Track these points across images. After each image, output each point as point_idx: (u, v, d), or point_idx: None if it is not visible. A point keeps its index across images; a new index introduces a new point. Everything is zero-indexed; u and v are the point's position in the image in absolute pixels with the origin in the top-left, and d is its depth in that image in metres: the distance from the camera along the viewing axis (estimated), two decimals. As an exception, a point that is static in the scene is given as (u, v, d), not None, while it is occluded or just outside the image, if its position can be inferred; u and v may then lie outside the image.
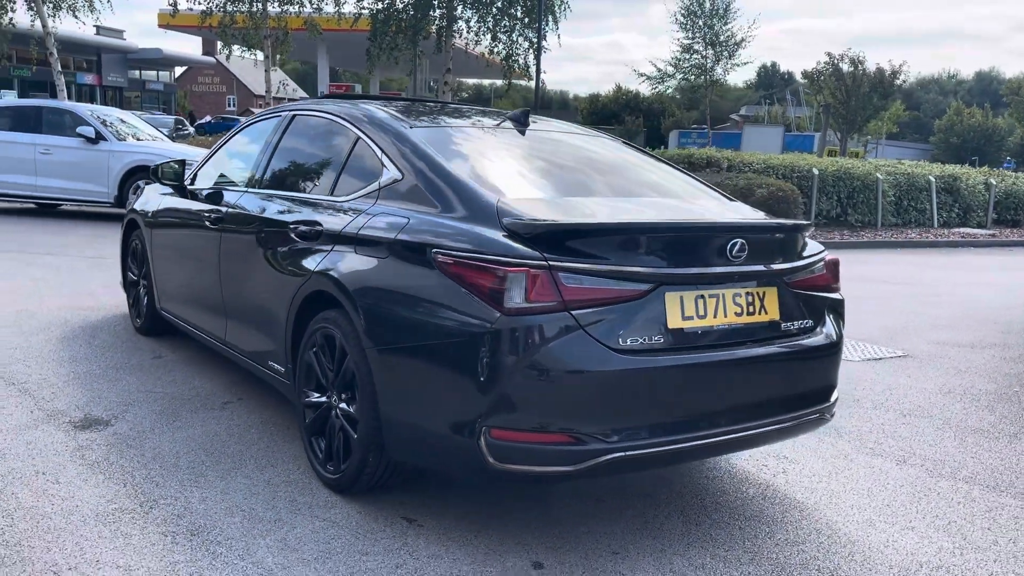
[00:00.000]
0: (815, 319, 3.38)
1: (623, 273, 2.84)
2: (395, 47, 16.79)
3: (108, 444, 3.82)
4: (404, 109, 3.96)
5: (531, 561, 2.98)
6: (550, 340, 2.74)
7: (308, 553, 2.95)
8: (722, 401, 3.06)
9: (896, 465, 4.13)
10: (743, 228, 3.17)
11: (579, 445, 2.77)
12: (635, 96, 71.44)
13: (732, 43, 29.26)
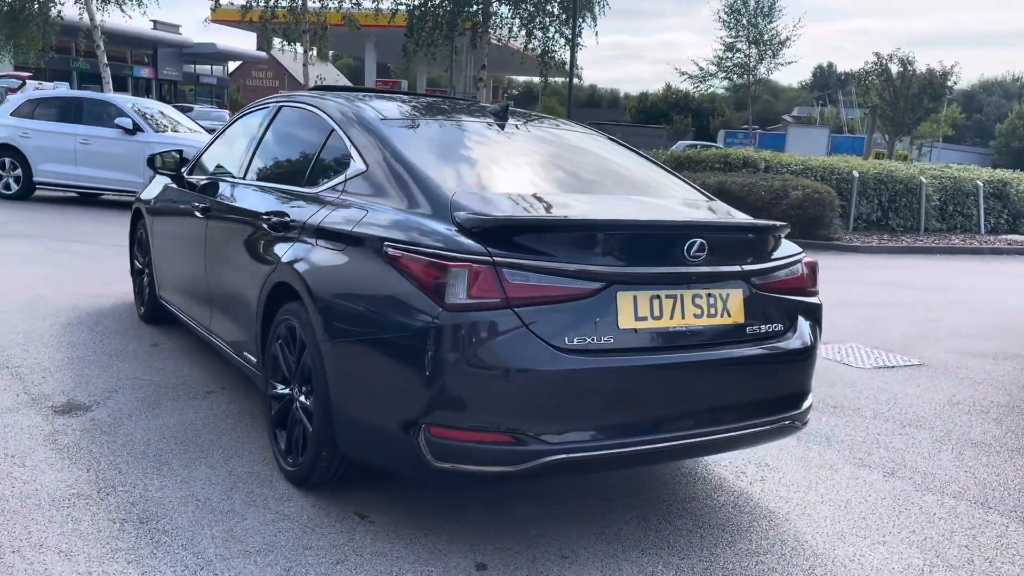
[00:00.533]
0: (785, 323, 3.26)
1: (571, 271, 2.77)
2: (432, 43, 16.82)
3: (83, 430, 3.87)
4: (384, 102, 3.93)
5: (475, 562, 2.93)
6: (491, 337, 2.68)
7: (252, 545, 2.94)
8: (678, 405, 2.97)
9: (883, 477, 3.98)
10: (702, 227, 3.07)
11: (520, 446, 2.71)
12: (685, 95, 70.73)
13: (776, 42, 28.70)
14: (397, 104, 3.94)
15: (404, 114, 3.77)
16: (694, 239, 2.94)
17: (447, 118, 3.90)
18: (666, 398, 2.93)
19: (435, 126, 3.74)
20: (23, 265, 7.69)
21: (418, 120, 3.75)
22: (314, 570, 2.81)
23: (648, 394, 2.89)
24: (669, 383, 2.94)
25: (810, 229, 14.12)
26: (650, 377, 2.89)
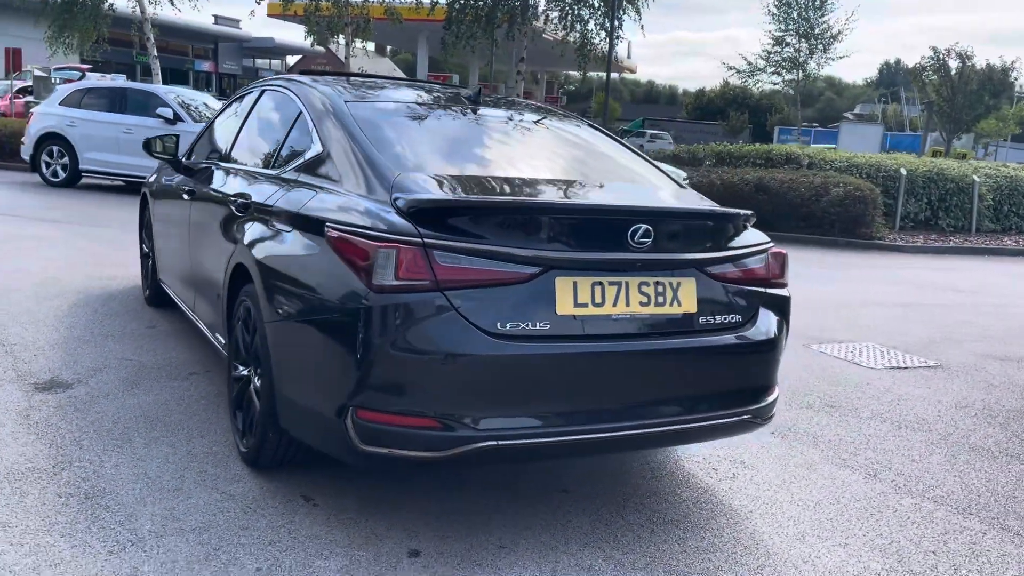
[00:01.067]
0: (744, 315, 3.15)
1: (506, 254, 2.71)
2: (472, 36, 16.77)
3: (58, 406, 3.93)
4: (357, 87, 3.91)
5: (409, 548, 2.89)
6: (419, 320, 2.64)
7: (189, 524, 2.94)
8: (621, 395, 2.89)
9: (863, 478, 3.83)
10: (648, 213, 2.97)
11: (447, 431, 2.66)
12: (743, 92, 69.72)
13: (828, 36, 27.86)
14: (370, 88, 3.91)
15: (373, 98, 3.74)
16: (638, 225, 2.85)
17: (418, 102, 3.86)
18: (607, 388, 2.85)
19: (402, 109, 3.70)
20: (47, 248, 7.89)
21: (386, 104, 3.71)
22: (243, 550, 2.80)
23: (587, 383, 2.82)
24: (610, 372, 2.85)
25: (851, 227, 13.77)
26: (589, 365, 2.81)
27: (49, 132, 13.80)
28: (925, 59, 32.63)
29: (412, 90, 4.07)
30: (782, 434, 4.34)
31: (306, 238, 3.01)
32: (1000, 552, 3.22)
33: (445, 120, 3.72)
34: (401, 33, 28.37)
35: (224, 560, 2.73)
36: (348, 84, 3.92)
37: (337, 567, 2.74)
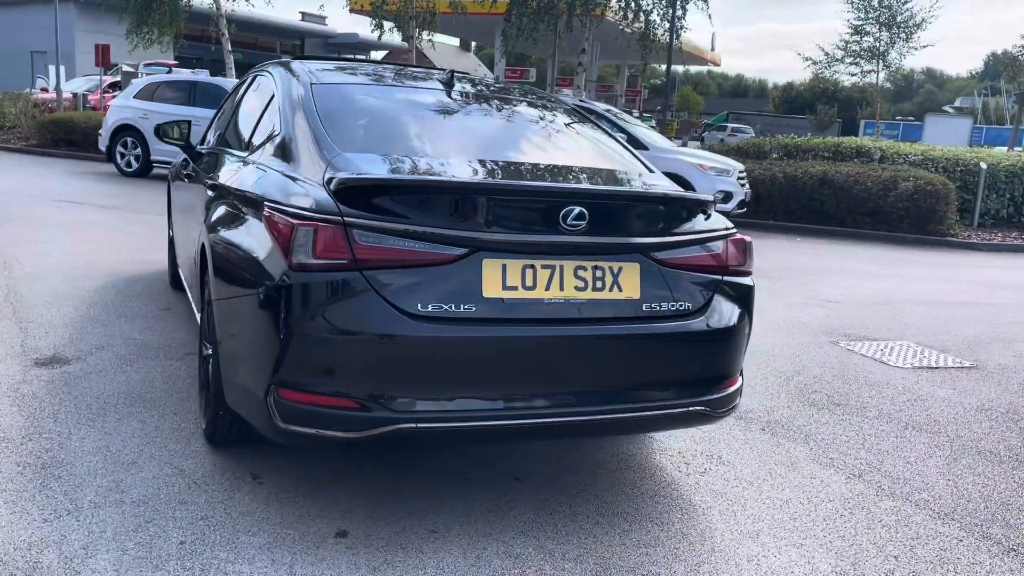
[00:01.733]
0: (695, 302, 3.03)
1: (429, 234, 2.67)
2: (534, 28, 16.68)
3: (50, 381, 4.07)
4: (332, 70, 3.92)
5: (338, 529, 2.89)
6: (336, 300, 2.62)
7: (131, 496, 3.01)
8: (554, 382, 2.82)
9: (845, 479, 3.65)
10: (583, 194, 2.88)
11: (364, 412, 2.65)
12: (833, 85, 67.58)
13: (911, 24, 26.44)
14: (344, 72, 3.92)
15: (344, 81, 3.74)
16: (571, 207, 2.77)
17: (390, 86, 3.85)
18: (538, 374, 2.78)
19: (370, 93, 3.69)
20: (97, 233, 8.21)
21: (354, 88, 3.70)
22: (174, 523, 2.85)
23: (515, 368, 2.76)
24: (542, 358, 2.79)
25: (922, 223, 13.18)
26: (517, 350, 2.75)
27: (123, 124, 14.39)
28: (1016, 48, 30.79)
29: (392, 75, 4.05)
30: (772, 430, 4.18)
31: (249, 218, 3.04)
32: (971, 561, 3.02)
33: (410, 103, 3.69)
34: (479, 27, 28.48)
35: (152, 532, 2.78)
36: (328, 68, 3.93)
37: (261, 543, 2.76)
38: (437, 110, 3.66)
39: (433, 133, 3.47)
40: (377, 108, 3.56)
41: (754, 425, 4.24)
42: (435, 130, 3.51)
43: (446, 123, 3.59)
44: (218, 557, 2.67)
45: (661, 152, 11.66)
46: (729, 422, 4.21)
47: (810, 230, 13.18)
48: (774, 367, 5.33)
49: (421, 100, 3.73)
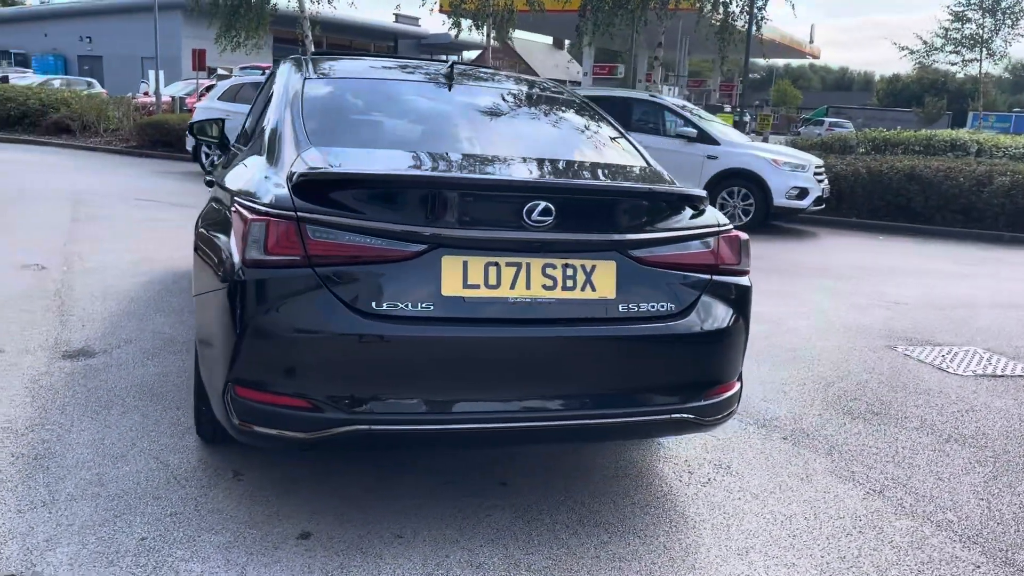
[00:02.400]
0: (679, 303, 2.85)
1: (387, 231, 2.58)
2: (610, 24, 16.37)
3: (70, 373, 4.18)
4: (333, 63, 3.88)
5: (303, 530, 2.83)
6: (288, 297, 2.56)
7: (109, 490, 3.03)
8: (520, 386, 2.69)
9: (863, 495, 3.40)
10: (551, 189, 2.73)
11: (317, 412, 2.58)
12: (944, 76, 64.45)
13: (1018, 9, 24.66)
14: (347, 67, 3.87)
15: (339, 75, 3.69)
16: (537, 202, 2.63)
17: (389, 79, 3.78)
18: (502, 376, 2.66)
19: (365, 87, 3.63)
20: (158, 230, 8.46)
21: (349, 82, 3.65)
22: (143, 518, 2.85)
23: (477, 370, 2.64)
24: (503, 360, 2.66)
25: (1019, 221, 12.35)
26: (478, 351, 2.63)
27: (211, 124, 14.84)
28: None
29: (396, 69, 3.98)
30: (795, 439, 3.93)
31: (224, 214, 3.02)
32: (983, 590, 2.75)
33: (402, 97, 3.61)
34: (559, 24, 28.28)
35: (117, 527, 2.78)
36: (332, 63, 3.89)
37: (220, 543, 2.73)
38: (428, 104, 3.58)
39: (417, 127, 3.39)
40: (366, 102, 3.50)
41: (776, 433, 4.00)
42: (420, 124, 3.42)
43: (433, 117, 3.50)
44: (174, 555, 2.65)
45: (732, 147, 11.28)
46: (748, 429, 3.99)
47: (895, 228, 12.53)
48: (815, 372, 5.04)
49: (414, 94, 3.65)
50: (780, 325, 6.14)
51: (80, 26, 42.75)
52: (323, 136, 3.08)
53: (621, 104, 11.94)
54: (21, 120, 20.74)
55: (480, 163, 3.07)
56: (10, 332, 4.78)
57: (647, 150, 11.91)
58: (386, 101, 3.55)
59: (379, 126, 3.33)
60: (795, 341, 5.73)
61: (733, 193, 11.11)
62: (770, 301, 6.96)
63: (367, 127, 3.30)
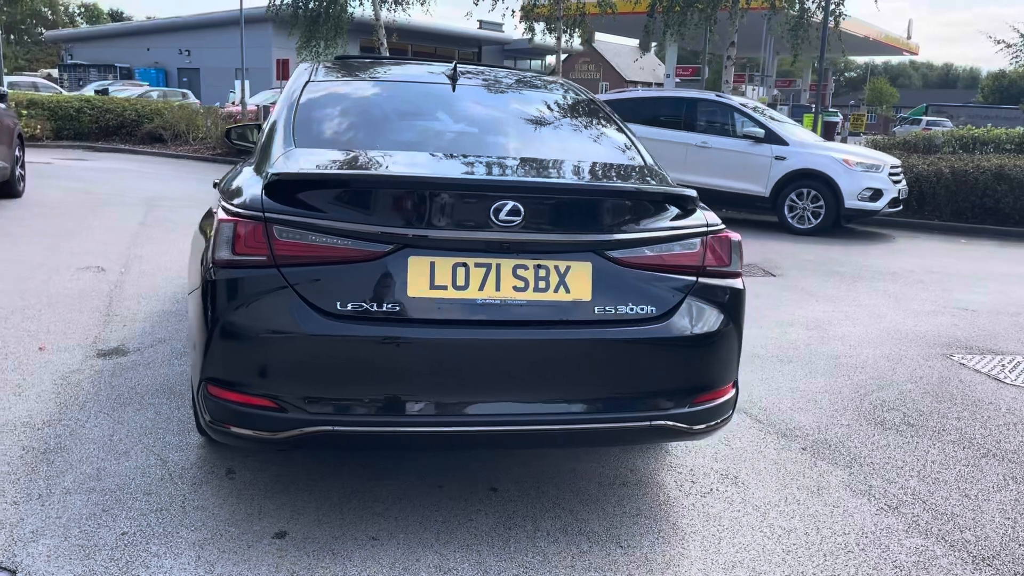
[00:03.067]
0: (660, 306, 2.75)
1: (353, 231, 2.57)
2: (681, 23, 16.01)
3: (100, 371, 4.32)
4: (344, 66, 3.90)
5: (278, 529, 2.85)
6: (254, 297, 2.58)
7: (104, 484, 3.11)
8: (487, 389, 2.64)
9: (875, 511, 3.21)
10: (520, 188, 2.66)
11: (282, 413, 2.58)
12: (1057, 71, 61.05)
13: None
14: (355, 69, 3.88)
15: (342, 77, 3.71)
16: (504, 201, 2.58)
17: (390, 80, 3.78)
18: (469, 379, 2.62)
19: (361, 88, 3.63)
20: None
21: (349, 83, 3.66)
22: (128, 513, 2.91)
23: (443, 372, 2.60)
24: (470, 362, 2.61)
25: (1119, 223, 11.58)
26: (445, 353, 2.60)
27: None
28: None
29: (402, 71, 3.97)
30: (815, 450, 3.75)
31: (211, 215, 3.07)
32: (986, 617, 2.55)
33: (401, 98, 3.60)
34: (630, 26, 27.92)
35: (102, 521, 2.85)
36: (341, 64, 3.92)
37: (196, 540, 2.77)
38: (425, 105, 3.56)
39: (409, 128, 3.37)
40: (363, 104, 3.50)
41: (795, 444, 3.82)
42: (413, 125, 3.40)
43: (427, 118, 3.48)
44: (149, 551, 2.70)
45: (802, 147, 10.92)
46: (765, 439, 3.83)
47: (980, 230, 11.90)
48: (855, 380, 4.81)
49: (414, 95, 3.64)
50: (827, 331, 5.89)
51: (179, 40, 44.62)
52: (310, 139, 3.11)
53: (686, 105, 11.73)
54: (118, 130, 21.72)
55: (456, 163, 3.03)
56: (55, 330, 4.98)
57: (712, 151, 11.79)
58: (384, 103, 3.54)
59: (370, 128, 3.32)
60: (840, 348, 5.48)
61: (802, 195, 10.75)
62: (821, 306, 6.70)
63: (357, 129, 3.29)
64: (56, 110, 20.94)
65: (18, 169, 10.61)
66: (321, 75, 3.67)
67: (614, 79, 71.17)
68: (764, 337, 5.63)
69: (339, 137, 3.20)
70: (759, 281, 7.62)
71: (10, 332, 4.91)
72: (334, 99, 3.46)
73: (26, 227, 8.52)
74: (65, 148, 19.19)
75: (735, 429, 3.93)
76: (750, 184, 11.01)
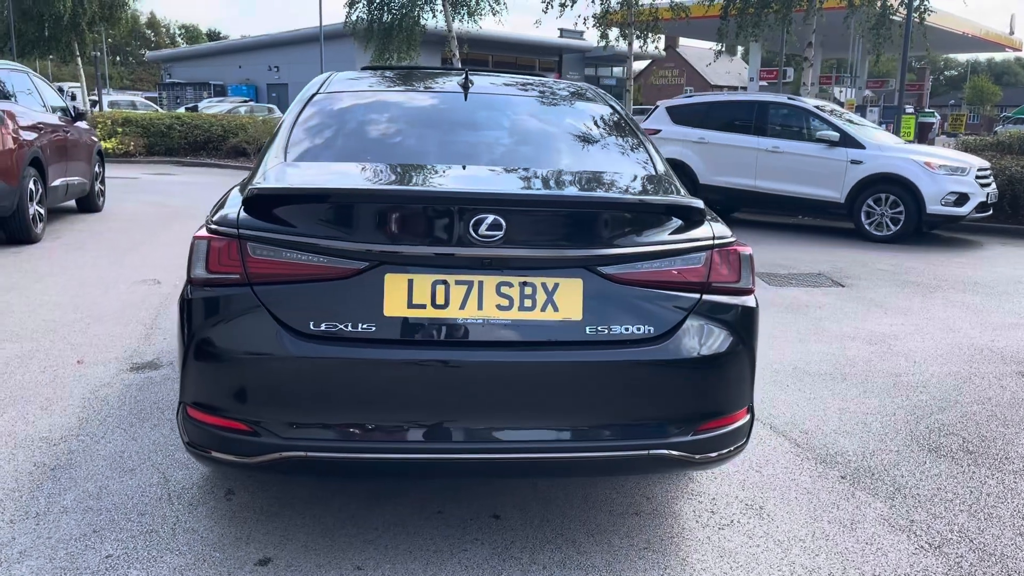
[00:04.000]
0: (659, 326, 2.55)
1: (327, 247, 2.46)
2: (756, 24, 15.47)
3: (129, 385, 4.35)
4: (358, 77, 3.81)
5: (262, 555, 2.75)
6: (227, 316, 2.50)
7: (101, 504, 3.07)
8: (469, 414, 2.49)
9: (914, 549, 2.92)
10: (500, 201, 2.49)
11: (255, 437, 2.49)
12: None
13: None
14: (368, 80, 3.77)
15: (350, 88, 3.60)
16: (483, 215, 2.43)
17: (399, 90, 3.66)
18: (446, 403, 2.47)
19: (371, 99, 3.51)
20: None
21: (359, 94, 3.54)
22: (117, 535, 2.86)
23: (418, 396, 2.46)
24: (450, 385, 2.47)
25: None
26: (423, 375, 2.46)
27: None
28: None
29: (415, 81, 3.84)
30: (855, 479, 3.47)
31: (208, 231, 3.01)
32: None
33: (405, 108, 3.47)
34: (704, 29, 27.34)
35: (91, 543, 2.81)
36: (356, 76, 3.83)
37: (178, 565, 2.70)
38: (427, 114, 3.43)
39: (404, 141, 3.23)
40: (363, 116, 3.38)
41: (834, 471, 3.54)
42: (410, 136, 3.27)
43: (426, 128, 3.33)
44: (129, 575, 2.64)
45: (880, 150, 10.39)
46: (802, 465, 3.56)
47: (1081, 237, 11.11)
48: (913, 400, 4.46)
49: (419, 106, 3.51)
50: (891, 347, 5.52)
51: (269, 57, 46.01)
52: (303, 152, 3.03)
53: (758, 108, 11.33)
54: (205, 145, 22.43)
55: (441, 174, 2.89)
56: (97, 344, 5.05)
57: (784, 156, 11.33)
58: (387, 114, 3.42)
59: (366, 140, 3.21)
60: (902, 365, 5.11)
61: (880, 200, 10.22)
62: (889, 318, 6.30)
63: (353, 142, 3.19)
64: (149, 127, 21.78)
65: (97, 185, 10.99)
66: (331, 87, 3.58)
67: (698, 83, 70.09)
68: (819, 353, 5.30)
69: (332, 150, 3.10)
70: (824, 292, 7.24)
71: (55, 346, 5.01)
72: (337, 111, 3.36)
73: (98, 240, 8.79)
74: (155, 163, 19.92)
75: (768, 454, 3.67)
76: (824, 189, 10.55)
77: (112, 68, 69.97)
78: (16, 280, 6.76)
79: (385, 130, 3.28)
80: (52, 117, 9.53)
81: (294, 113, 3.32)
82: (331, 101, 3.42)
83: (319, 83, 3.65)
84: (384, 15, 19.20)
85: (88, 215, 10.61)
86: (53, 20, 24.06)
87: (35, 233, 8.42)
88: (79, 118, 10.47)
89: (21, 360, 4.72)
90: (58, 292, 6.37)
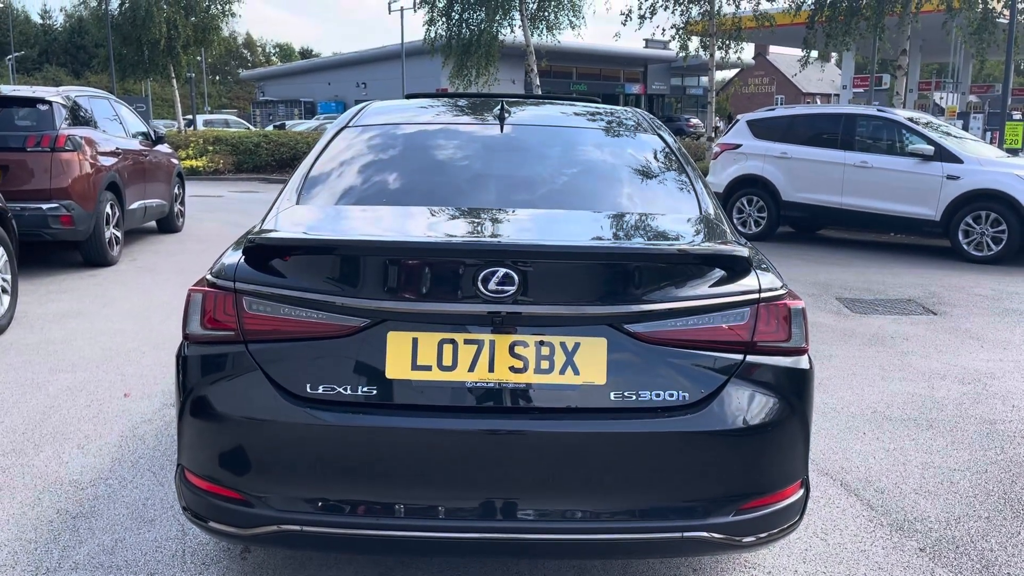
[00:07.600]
0: (695, 392, 2.25)
1: (326, 303, 2.26)
2: (847, 32, 14.71)
3: (167, 422, 4.24)
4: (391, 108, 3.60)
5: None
6: (221, 376, 2.32)
7: (113, 560, 2.94)
8: (479, 488, 2.24)
9: (1001, 645, 2.53)
10: (512, 253, 2.23)
11: (248, 507, 2.30)
12: None
13: None
14: (395, 111, 3.55)
15: (384, 120, 3.39)
16: (493, 269, 2.18)
17: (433, 122, 3.42)
18: (451, 476, 2.23)
19: (400, 133, 3.29)
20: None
21: (391, 128, 3.33)
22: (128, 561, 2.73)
23: (423, 467, 2.23)
24: (457, 456, 2.23)
25: None
26: (424, 444, 2.22)
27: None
28: None
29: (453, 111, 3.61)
30: (936, 552, 3.07)
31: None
32: None
33: (431, 146, 3.20)
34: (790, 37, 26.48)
35: (94, 605, 2.68)
36: (390, 106, 3.63)
37: (177, 635, 2.54)
38: (456, 153, 3.17)
39: (426, 181, 2.99)
40: (386, 153, 3.15)
41: (912, 541, 3.15)
42: (431, 178, 3.02)
43: (451, 169, 3.08)
44: (124, 646, 2.49)
45: (979, 164, 9.70)
46: (875, 532, 3.19)
47: None
48: (1010, 454, 4.00)
49: (449, 142, 3.23)
50: (987, 387, 5.02)
51: (356, 74, 46.96)
52: (317, 194, 2.85)
53: (844, 121, 10.75)
54: (291, 162, 22.89)
55: (451, 223, 2.65)
56: (147, 375, 5.01)
57: (873, 171, 10.70)
58: (413, 151, 3.19)
59: (384, 181, 2.99)
60: (999, 410, 4.63)
61: (980, 218, 9.54)
62: (986, 353, 5.77)
63: (369, 182, 2.97)
64: (238, 145, 22.37)
65: (177, 205, 11.21)
66: (362, 119, 3.39)
67: (790, 92, 68.37)
68: (903, 393, 4.86)
69: (346, 192, 2.91)
70: (914, 320, 6.71)
71: (107, 376, 4.99)
72: (359, 147, 3.17)
73: (171, 262, 8.91)
74: (242, 181, 20.42)
75: (836, 518, 3.30)
76: (917, 207, 9.90)
77: (211, 87, 72.65)
78: (85, 305, 6.85)
79: (406, 170, 3.06)
80: (132, 142, 9.74)
81: (319, 148, 3.15)
82: (357, 135, 3.24)
83: (351, 115, 3.47)
84: (463, 30, 19.21)
85: (167, 235, 10.81)
86: (151, 45, 24.98)
87: (111, 256, 8.57)
88: (159, 141, 10.70)
89: (71, 392, 4.70)
90: (121, 318, 6.41)
